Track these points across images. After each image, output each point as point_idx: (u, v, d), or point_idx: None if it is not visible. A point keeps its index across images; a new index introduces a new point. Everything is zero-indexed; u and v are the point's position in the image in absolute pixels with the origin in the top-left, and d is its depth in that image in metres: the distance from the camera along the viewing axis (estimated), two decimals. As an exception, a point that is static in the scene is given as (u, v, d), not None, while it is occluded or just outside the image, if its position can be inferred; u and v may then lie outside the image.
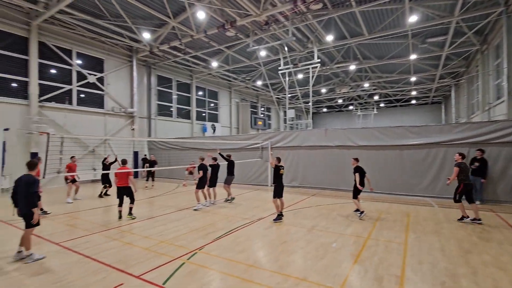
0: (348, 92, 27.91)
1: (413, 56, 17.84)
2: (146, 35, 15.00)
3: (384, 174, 10.63)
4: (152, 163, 13.95)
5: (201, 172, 8.72)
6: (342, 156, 11.45)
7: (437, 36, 15.33)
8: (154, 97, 19.64)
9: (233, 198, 9.88)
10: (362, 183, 7.47)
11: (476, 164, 8.52)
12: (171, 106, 21.34)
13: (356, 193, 7.53)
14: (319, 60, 15.69)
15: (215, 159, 9.55)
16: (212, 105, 25.41)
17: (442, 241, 5.52)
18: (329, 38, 15.24)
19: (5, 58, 12.52)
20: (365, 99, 34.44)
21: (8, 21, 12.42)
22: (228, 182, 9.91)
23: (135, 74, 17.70)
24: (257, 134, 14.67)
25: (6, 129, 5.20)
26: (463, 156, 6.93)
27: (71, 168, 9.77)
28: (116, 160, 10.90)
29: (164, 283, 3.85)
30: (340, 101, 36.15)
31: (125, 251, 5.10)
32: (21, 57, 12.99)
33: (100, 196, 10.91)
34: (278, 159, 7.28)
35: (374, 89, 28.69)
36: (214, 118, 25.60)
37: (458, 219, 6.93)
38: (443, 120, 34.11)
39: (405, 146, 10.31)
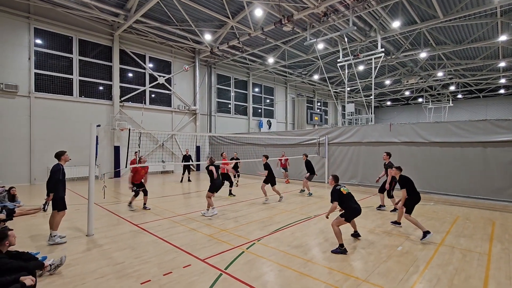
0: (417, 83, 25.17)
1: (502, 38, 15.12)
2: (207, 37, 15.91)
3: (461, 175, 9.37)
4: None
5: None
6: (410, 154, 10.47)
7: (537, 10, 12.71)
8: (214, 94, 20.80)
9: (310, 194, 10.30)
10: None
11: None
12: (229, 103, 22.31)
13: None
14: (383, 49, 14.49)
15: (266, 156, 9.45)
16: (268, 101, 25.73)
17: (540, 255, 4.65)
18: (396, 24, 13.92)
19: (96, 66, 14.74)
20: (437, 90, 30.56)
21: (97, 33, 14.57)
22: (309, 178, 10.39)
23: (197, 73, 19.00)
24: (313, 130, 14.36)
25: (98, 125, 6.05)
26: (390, 155, 8.06)
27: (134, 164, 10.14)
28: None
29: (225, 268, 4.11)
30: (407, 93, 32.82)
31: (191, 236, 5.59)
32: (107, 64, 15.13)
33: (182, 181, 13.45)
34: (336, 178, 5.45)
35: (450, 78, 25.25)
36: (270, 114, 25.90)
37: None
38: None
39: (491, 143, 8.87)
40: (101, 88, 15.06)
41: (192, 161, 13.74)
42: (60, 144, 13.21)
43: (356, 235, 5.53)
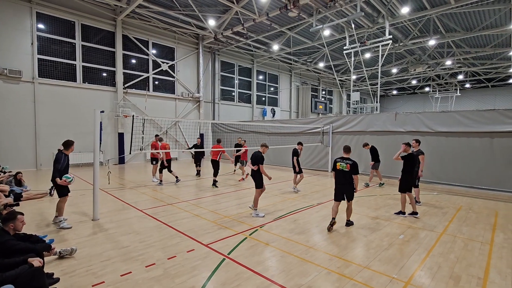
0: (424, 71, 24.66)
1: (515, 24, 14.63)
2: (211, 22, 15.62)
3: (467, 165, 9.28)
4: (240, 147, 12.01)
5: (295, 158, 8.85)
6: (414, 143, 10.37)
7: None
8: (217, 82, 20.62)
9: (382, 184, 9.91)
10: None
11: None
12: (233, 91, 22.14)
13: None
14: (390, 36, 14.12)
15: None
16: (272, 89, 25.47)
17: (543, 246, 4.64)
18: (405, 10, 13.49)
19: (99, 51, 14.62)
20: (445, 79, 29.95)
21: (99, 18, 14.37)
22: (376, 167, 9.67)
23: (201, 60, 18.77)
24: (317, 118, 14.23)
25: (102, 111, 6.04)
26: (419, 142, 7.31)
27: (155, 147, 9.91)
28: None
29: (228, 254, 4.18)
30: (413, 82, 32.23)
31: (195, 222, 5.66)
32: (110, 50, 14.99)
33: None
34: (344, 149, 5.62)
35: (459, 67, 24.68)
36: (274, 102, 25.69)
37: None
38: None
39: (498, 134, 8.72)
40: (104, 74, 14.99)
41: (204, 153, 10.77)
42: (65, 130, 13.31)
43: (331, 224, 5.22)
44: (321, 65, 24.22)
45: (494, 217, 6.28)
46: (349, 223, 5.55)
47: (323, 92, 32.22)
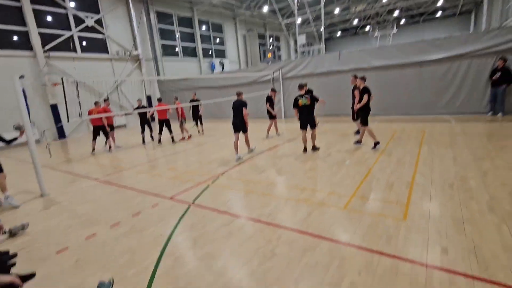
0: (364, 10, 25.19)
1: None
2: (136, -37, 13.51)
3: (402, 95, 10.32)
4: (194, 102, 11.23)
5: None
6: (357, 80, 11.04)
7: None
8: (156, 36, 18.72)
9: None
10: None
11: (498, 74, 8.31)
12: (176, 45, 20.44)
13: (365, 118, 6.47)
14: (331, -28, 13.82)
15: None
16: (217, 40, 24.06)
17: (456, 151, 5.63)
18: None
19: (-2, 7, 11.95)
20: (383, 16, 31.15)
21: (-12, -37, 11.47)
22: None
23: (132, 12, 16.63)
24: (267, 66, 14.12)
25: (22, 77, 5.22)
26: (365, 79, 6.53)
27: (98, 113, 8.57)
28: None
29: (193, 202, 4.33)
30: (355, 21, 32.97)
31: (156, 181, 5.62)
32: (13, 5, 12.34)
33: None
34: (299, 87, 6.59)
35: (395, 3, 25.64)
36: (221, 54, 24.52)
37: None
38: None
39: (426, 63, 9.68)
40: (15, 37, 12.54)
41: (148, 115, 9.85)
42: (-19, 108, 11.34)
43: (305, 150, 6.58)
44: (265, 9, 23.16)
45: (421, 135, 7.31)
46: (315, 148, 6.59)
47: (270, 40, 31.44)
